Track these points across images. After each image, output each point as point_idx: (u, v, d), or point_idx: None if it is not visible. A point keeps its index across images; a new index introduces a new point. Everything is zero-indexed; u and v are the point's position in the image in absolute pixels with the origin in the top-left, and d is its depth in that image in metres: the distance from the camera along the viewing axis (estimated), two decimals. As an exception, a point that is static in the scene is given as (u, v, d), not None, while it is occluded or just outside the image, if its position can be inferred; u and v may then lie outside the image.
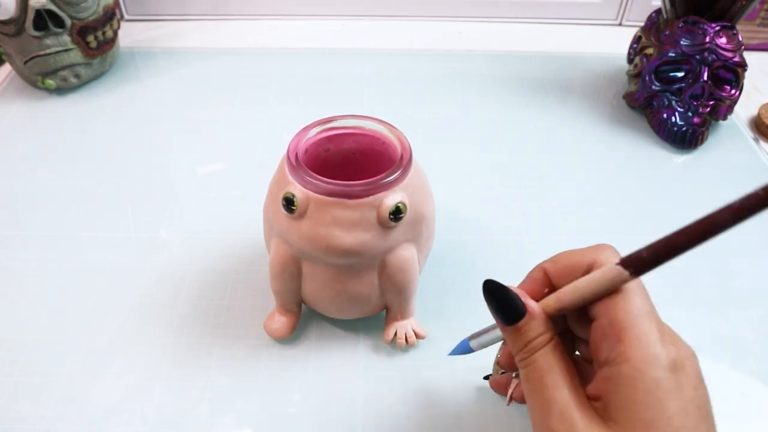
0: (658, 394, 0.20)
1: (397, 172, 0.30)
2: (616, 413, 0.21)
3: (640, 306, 0.22)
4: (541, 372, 0.23)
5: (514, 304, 0.24)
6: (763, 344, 0.37)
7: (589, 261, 0.24)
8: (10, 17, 0.51)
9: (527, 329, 0.24)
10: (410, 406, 0.33)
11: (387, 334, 0.36)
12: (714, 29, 0.50)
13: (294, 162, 0.30)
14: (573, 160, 0.52)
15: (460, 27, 0.71)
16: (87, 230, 0.43)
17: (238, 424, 0.32)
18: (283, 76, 0.62)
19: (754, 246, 0.44)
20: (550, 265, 0.26)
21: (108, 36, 0.57)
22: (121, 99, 0.57)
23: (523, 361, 0.24)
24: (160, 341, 0.36)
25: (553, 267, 0.25)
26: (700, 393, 0.21)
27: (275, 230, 0.32)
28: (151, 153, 0.51)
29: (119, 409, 0.33)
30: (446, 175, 0.49)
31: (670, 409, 0.20)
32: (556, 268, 0.25)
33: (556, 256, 0.26)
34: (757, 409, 0.34)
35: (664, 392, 0.20)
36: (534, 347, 0.24)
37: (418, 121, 0.55)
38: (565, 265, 0.25)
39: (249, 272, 0.40)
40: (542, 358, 0.23)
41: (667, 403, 0.20)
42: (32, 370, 0.35)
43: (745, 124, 0.56)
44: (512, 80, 0.61)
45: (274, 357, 0.36)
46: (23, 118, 0.55)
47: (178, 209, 0.46)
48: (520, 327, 0.24)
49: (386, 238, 0.31)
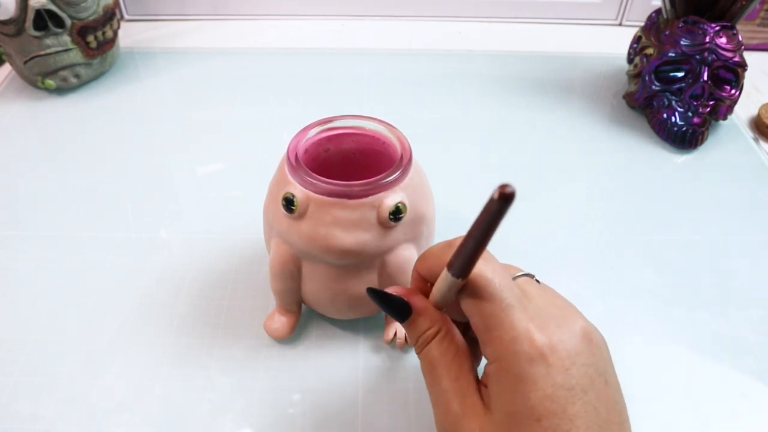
0: (522, 387, 0.22)
1: (397, 172, 0.30)
2: (492, 405, 0.23)
3: (501, 301, 0.23)
4: (431, 363, 0.25)
5: (396, 305, 0.25)
6: (763, 344, 0.37)
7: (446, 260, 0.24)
8: (10, 17, 0.51)
9: (416, 324, 0.25)
10: (410, 406, 0.33)
11: (387, 334, 0.36)
12: (714, 29, 0.50)
13: (294, 162, 0.30)
14: (573, 160, 0.52)
15: (460, 27, 0.71)
16: (87, 230, 0.43)
17: (238, 424, 0.32)
18: (283, 76, 0.62)
19: (754, 246, 0.44)
20: (419, 265, 0.27)
21: (108, 36, 0.57)
22: (121, 99, 0.57)
23: (419, 354, 0.26)
24: (160, 341, 0.36)
25: (421, 267, 0.26)
26: (573, 372, 0.22)
27: (275, 230, 0.32)
28: (151, 153, 0.51)
29: (119, 409, 0.33)
30: (446, 175, 0.49)
31: (531, 399, 0.21)
32: (423, 268, 0.26)
33: (422, 255, 0.27)
34: (757, 410, 0.34)
35: (528, 384, 0.22)
36: (425, 340, 0.25)
37: (418, 121, 0.55)
38: (429, 266, 0.26)
39: (249, 272, 0.40)
40: (432, 350, 0.25)
41: (528, 395, 0.21)
42: (32, 370, 0.35)
43: (745, 124, 0.56)
44: (512, 80, 0.61)
45: (274, 357, 0.36)
46: (23, 118, 0.55)
47: (178, 209, 0.46)
48: (410, 323, 0.26)
49: (386, 238, 0.31)
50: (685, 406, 0.34)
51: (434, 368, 0.25)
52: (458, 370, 0.24)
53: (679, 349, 0.37)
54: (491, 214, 0.19)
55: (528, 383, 0.22)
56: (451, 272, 0.23)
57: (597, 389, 0.22)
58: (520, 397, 0.22)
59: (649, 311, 0.39)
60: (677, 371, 0.36)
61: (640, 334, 0.38)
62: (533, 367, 0.22)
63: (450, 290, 0.24)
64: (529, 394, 0.21)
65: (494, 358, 0.23)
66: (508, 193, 0.18)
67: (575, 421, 0.21)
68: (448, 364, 0.24)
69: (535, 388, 0.22)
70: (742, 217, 0.46)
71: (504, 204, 0.19)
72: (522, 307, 0.23)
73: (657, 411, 0.34)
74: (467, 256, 0.22)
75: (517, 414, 0.22)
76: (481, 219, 0.20)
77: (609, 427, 0.22)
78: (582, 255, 0.43)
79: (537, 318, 0.23)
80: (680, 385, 0.35)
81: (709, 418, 0.33)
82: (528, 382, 0.22)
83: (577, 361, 0.22)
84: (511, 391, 0.22)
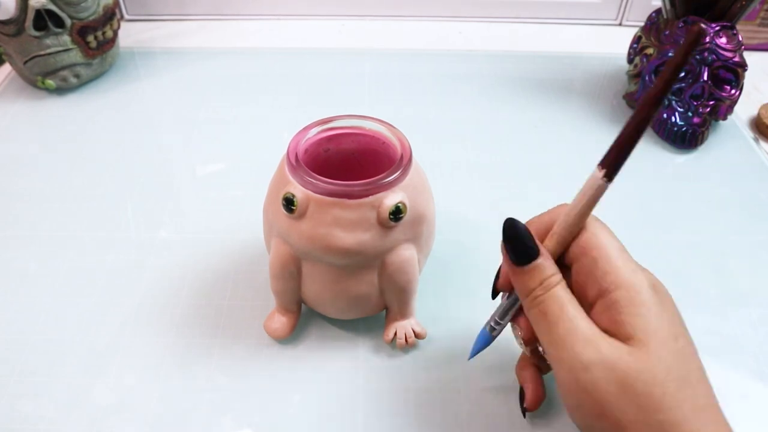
0: (655, 309, 0.24)
1: (397, 172, 0.30)
2: (631, 330, 0.23)
3: (612, 242, 0.25)
4: (561, 304, 0.25)
5: (529, 244, 0.26)
6: (763, 344, 0.37)
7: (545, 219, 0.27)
8: (10, 17, 0.51)
9: (542, 268, 0.26)
10: (410, 406, 0.33)
11: (387, 334, 0.36)
12: (714, 29, 0.50)
13: (294, 162, 0.30)
14: (573, 160, 0.52)
15: (460, 27, 0.71)
16: (87, 230, 0.43)
17: (238, 424, 0.32)
18: (283, 76, 0.62)
19: (754, 246, 0.44)
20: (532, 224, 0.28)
21: (108, 36, 0.57)
22: (121, 99, 0.57)
23: (538, 299, 0.25)
24: (160, 341, 0.36)
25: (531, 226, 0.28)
26: (674, 307, 0.25)
27: (275, 230, 0.32)
28: (151, 153, 0.51)
29: (119, 409, 0.33)
30: (446, 175, 0.49)
31: (666, 319, 0.24)
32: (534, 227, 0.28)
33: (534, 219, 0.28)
34: (758, 410, 0.34)
35: (656, 306, 0.24)
36: (549, 284, 0.25)
37: (418, 121, 0.55)
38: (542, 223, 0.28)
39: (249, 272, 0.40)
40: (561, 292, 0.25)
41: (663, 315, 0.24)
42: (32, 370, 0.35)
43: (745, 124, 0.56)
44: (512, 80, 0.61)
45: (274, 357, 0.36)
46: (23, 118, 0.55)
47: (178, 209, 0.46)
48: (535, 266, 0.26)
49: (386, 238, 0.31)
50: (685, 406, 0.34)
51: (565, 307, 0.25)
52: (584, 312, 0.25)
53: (679, 349, 0.37)
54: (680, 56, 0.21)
55: (656, 305, 0.24)
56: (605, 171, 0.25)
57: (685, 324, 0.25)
58: (658, 315, 0.24)
59: (649, 311, 0.39)
60: (677, 371, 0.36)
61: (640, 334, 0.38)
62: (654, 294, 0.24)
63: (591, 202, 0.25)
64: (663, 314, 0.24)
65: (619, 284, 0.24)
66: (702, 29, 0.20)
67: (692, 345, 0.24)
68: (577, 304, 0.25)
69: (664, 309, 0.24)
70: (742, 217, 0.46)
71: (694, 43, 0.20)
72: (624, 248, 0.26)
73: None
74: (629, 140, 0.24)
75: (659, 331, 0.23)
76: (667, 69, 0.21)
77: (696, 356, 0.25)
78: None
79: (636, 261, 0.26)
80: (680, 385, 0.35)
81: (709, 418, 0.33)
82: (656, 304, 0.24)
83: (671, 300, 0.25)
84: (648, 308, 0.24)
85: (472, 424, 0.33)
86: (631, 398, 0.22)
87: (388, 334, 0.35)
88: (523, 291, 0.26)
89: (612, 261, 0.25)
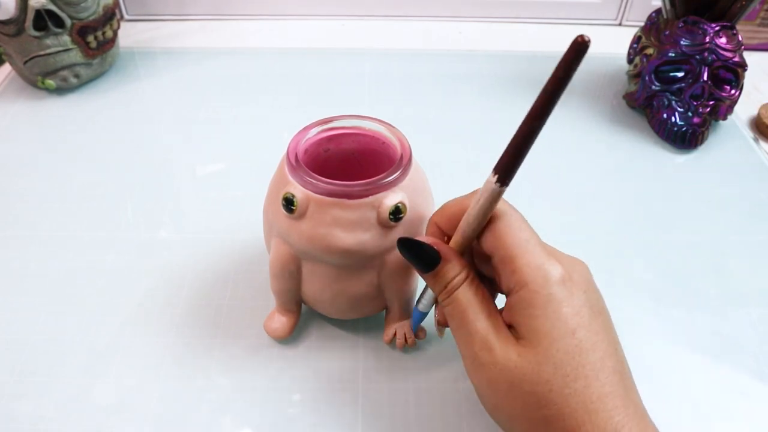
0: (553, 306, 0.24)
1: (396, 172, 0.30)
2: (524, 332, 0.25)
3: (521, 235, 0.26)
4: (462, 307, 0.26)
5: (428, 252, 0.27)
6: (763, 344, 0.37)
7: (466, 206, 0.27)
8: (10, 17, 0.51)
9: (445, 272, 0.27)
10: (410, 406, 0.33)
11: (387, 334, 0.36)
12: (714, 29, 0.50)
13: (294, 162, 0.30)
14: (573, 160, 0.52)
15: (460, 27, 0.71)
16: (87, 230, 0.43)
17: (238, 424, 0.32)
18: (283, 76, 0.62)
19: (754, 246, 0.44)
20: (438, 217, 0.29)
21: (108, 36, 0.57)
22: (121, 99, 0.57)
23: (446, 301, 0.27)
24: (160, 341, 0.36)
25: (441, 218, 0.28)
26: (590, 295, 0.25)
27: (275, 230, 0.32)
28: (151, 153, 0.51)
29: (119, 409, 0.33)
30: (446, 175, 0.49)
31: (564, 314, 0.24)
32: (443, 219, 0.28)
33: (442, 207, 0.29)
34: (758, 409, 0.34)
35: (557, 303, 0.24)
36: (453, 286, 0.27)
37: (418, 121, 0.55)
38: (449, 214, 0.28)
39: (249, 272, 0.40)
40: (461, 295, 0.26)
41: (561, 311, 0.24)
42: (32, 370, 0.35)
43: (745, 124, 0.56)
44: (512, 80, 0.61)
45: (274, 357, 0.36)
46: (23, 118, 0.55)
47: (178, 209, 0.46)
48: (437, 271, 0.27)
49: (386, 238, 0.31)
50: (685, 406, 0.34)
51: (466, 310, 0.26)
52: (488, 310, 0.26)
53: (679, 349, 0.37)
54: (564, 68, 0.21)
55: (558, 301, 0.24)
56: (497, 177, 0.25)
57: (604, 312, 0.26)
58: (553, 313, 0.24)
59: (649, 311, 0.39)
60: (677, 371, 0.36)
61: (640, 334, 0.38)
62: (561, 287, 0.24)
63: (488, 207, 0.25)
64: (563, 310, 0.24)
65: (522, 284, 0.25)
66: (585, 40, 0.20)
67: (600, 334, 0.24)
68: (479, 306, 0.26)
69: (566, 305, 0.24)
70: (742, 217, 0.46)
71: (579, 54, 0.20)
72: (538, 242, 0.26)
73: (657, 411, 0.34)
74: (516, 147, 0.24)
75: (552, 330, 0.24)
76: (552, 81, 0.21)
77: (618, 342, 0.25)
78: (582, 255, 0.43)
79: (552, 251, 0.26)
80: (680, 385, 0.35)
81: (709, 418, 0.33)
82: (558, 300, 0.24)
83: (588, 287, 0.26)
84: (543, 309, 0.24)
85: (472, 423, 0.33)
86: (517, 396, 0.24)
87: (388, 334, 0.35)
88: (435, 292, 0.28)
89: (516, 260, 0.25)
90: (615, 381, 0.24)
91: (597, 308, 0.25)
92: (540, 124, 0.23)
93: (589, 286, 0.26)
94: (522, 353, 0.24)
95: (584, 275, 0.26)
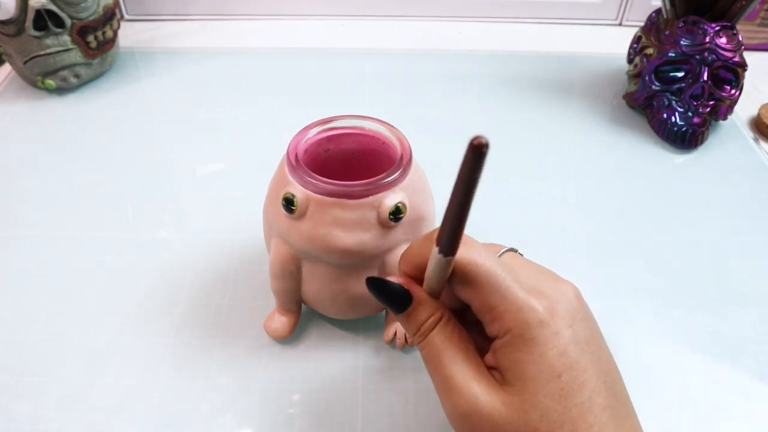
0: (538, 349, 0.23)
1: (397, 172, 0.30)
2: (510, 377, 0.23)
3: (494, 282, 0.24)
4: (436, 351, 0.25)
5: (398, 294, 0.25)
6: (763, 344, 0.37)
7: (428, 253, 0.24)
8: (10, 17, 0.51)
9: (416, 314, 0.25)
10: (410, 406, 0.33)
11: (387, 334, 0.36)
12: (714, 29, 0.50)
13: (294, 162, 0.30)
14: (573, 160, 0.52)
15: (460, 27, 0.71)
16: (87, 230, 0.43)
17: (238, 424, 0.32)
18: (283, 76, 0.62)
19: (754, 246, 0.44)
20: (402, 263, 0.26)
21: (108, 36, 0.57)
22: (121, 99, 0.57)
23: (420, 344, 0.25)
24: (160, 341, 0.36)
25: (405, 264, 0.26)
26: (576, 328, 0.24)
27: (275, 230, 0.32)
28: (151, 153, 0.51)
29: (119, 409, 0.33)
30: (446, 175, 0.49)
31: (550, 357, 0.23)
32: (407, 265, 0.26)
33: (404, 253, 0.26)
34: (757, 409, 0.34)
35: (542, 345, 0.23)
36: (426, 329, 0.25)
37: (418, 121, 0.55)
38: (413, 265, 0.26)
39: (249, 272, 0.40)
40: (435, 338, 0.25)
41: (547, 354, 0.23)
42: (32, 370, 0.35)
43: (745, 124, 0.56)
44: (512, 80, 0.61)
45: (274, 357, 0.36)
46: (23, 118, 0.55)
47: (178, 209, 0.46)
48: (409, 313, 0.25)
49: (386, 238, 0.31)
50: (685, 406, 0.34)
51: (440, 354, 0.25)
52: (466, 353, 0.25)
53: (678, 349, 0.37)
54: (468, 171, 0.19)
55: (542, 344, 0.23)
56: (439, 249, 0.23)
57: (595, 340, 0.24)
58: (538, 357, 0.23)
59: (648, 311, 0.39)
60: (677, 371, 0.36)
61: (640, 334, 0.38)
62: (544, 328, 0.23)
63: (442, 271, 0.24)
64: (547, 353, 0.23)
65: (504, 331, 0.23)
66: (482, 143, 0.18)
67: (588, 371, 0.23)
68: (455, 349, 0.25)
69: (550, 347, 0.23)
70: (742, 217, 0.46)
71: (479, 157, 0.18)
72: (515, 281, 0.24)
73: (657, 411, 0.34)
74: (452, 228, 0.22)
75: (538, 375, 0.23)
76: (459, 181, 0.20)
77: (609, 372, 0.24)
78: (582, 255, 0.43)
79: (531, 287, 0.24)
80: (680, 385, 0.35)
81: (709, 418, 0.33)
82: (542, 343, 0.23)
83: (576, 317, 0.24)
84: (528, 354, 0.23)
85: (472, 424, 0.33)
86: None
87: (388, 334, 0.36)
88: (408, 334, 0.27)
89: (495, 309, 0.23)
90: (604, 419, 0.23)
91: (585, 340, 0.24)
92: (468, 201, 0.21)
93: (576, 316, 0.24)
94: (507, 401, 0.23)
95: (571, 304, 0.24)
